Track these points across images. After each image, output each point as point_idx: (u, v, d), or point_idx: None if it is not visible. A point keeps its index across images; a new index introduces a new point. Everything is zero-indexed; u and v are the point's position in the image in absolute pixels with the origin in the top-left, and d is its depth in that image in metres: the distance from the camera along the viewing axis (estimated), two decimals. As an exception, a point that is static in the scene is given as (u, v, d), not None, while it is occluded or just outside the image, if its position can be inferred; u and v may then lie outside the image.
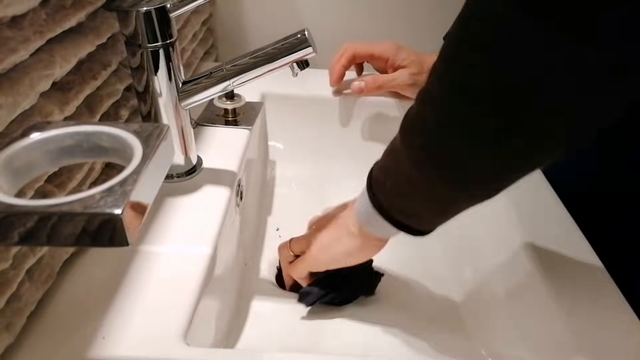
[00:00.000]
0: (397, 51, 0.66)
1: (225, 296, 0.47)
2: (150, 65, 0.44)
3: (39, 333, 0.35)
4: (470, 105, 0.30)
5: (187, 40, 0.65)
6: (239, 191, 0.54)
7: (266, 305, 0.51)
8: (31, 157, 0.28)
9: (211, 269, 0.41)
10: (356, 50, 0.67)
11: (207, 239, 0.43)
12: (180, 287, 0.38)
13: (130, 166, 0.26)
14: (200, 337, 0.38)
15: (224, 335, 0.46)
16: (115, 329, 0.35)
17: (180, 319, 0.36)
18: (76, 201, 0.23)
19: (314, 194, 0.52)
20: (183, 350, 0.34)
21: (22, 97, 0.31)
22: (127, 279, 0.39)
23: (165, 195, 0.48)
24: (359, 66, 0.71)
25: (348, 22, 0.82)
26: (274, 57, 0.44)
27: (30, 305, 0.34)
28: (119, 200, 0.23)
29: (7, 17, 0.31)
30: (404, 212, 0.39)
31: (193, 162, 0.52)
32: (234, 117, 0.62)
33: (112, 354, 0.33)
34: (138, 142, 0.27)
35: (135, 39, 0.43)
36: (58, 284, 0.38)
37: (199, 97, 0.47)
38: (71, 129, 0.28)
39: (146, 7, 0.41)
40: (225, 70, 0.45)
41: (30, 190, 0.33)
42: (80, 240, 0.23)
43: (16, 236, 0.23)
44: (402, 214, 0.39)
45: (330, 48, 0.68)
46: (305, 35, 0.44)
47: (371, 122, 0.72)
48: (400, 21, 0.81)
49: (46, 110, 0.35)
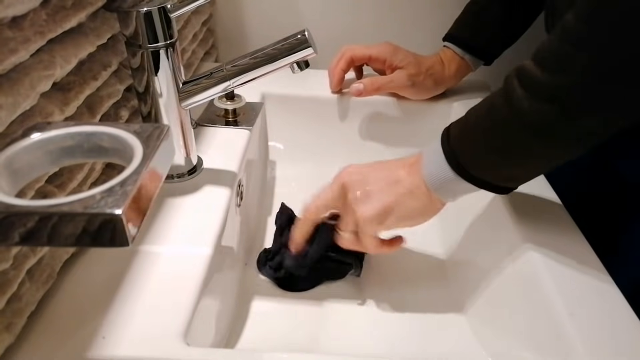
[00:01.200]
0: (394, 52, 0.66)
1: (225, 296, 0.47)
2: (150, 65, 0.44)
3: (40, 333, 0.35)
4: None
5: (187, 40, 0.65)
6: (239, 191, 0.54)
7: (266, 305, 0.52)
8: (32, 157, 0.28)
9: (211, 269, 0.41)
10: (354, 53, 0.67)
11: (207, 239, 0.43)
12: (180, 287, 0.39)
13: (131, 166, 0.26)
14: (200, 337, 0.38)
15: (224, 335, 0.46)
16: (115, 328, 0.35)
17: (180, 319, 0.36)
18: (77, 201, 0.23)
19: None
20: (183, 350, 0.34)
21: (23, 97, 0.31)
22: (127, 279, 0.39)
23: (165, 196, 0.48)
24: (358, 69, 0.71)
25: (348, 22, 0.82)
26: (274, 58, 0.44)
27: (30, 305, 0.34)
28: (119, 201, 0.23)
29: (8, 18, 0.31)
30: (501, 175, 0.42)
31: (193, 163, 0.52)
32: (234, 118, 0.62)
33: (112, 353, 0.33)
34: (138, 142, 0.28)
35: (136, 40, 0.43)
36: (58, 284, 0.38)
37: (199, 98, 0.47)
38: (72, 129, 0.28)
39: (146, 8, 0.41)
40: (226, 70, 0.45)
41: (31, 190, 0.33)
42: (80, 240, 0.23)
43: (17, 236, 0.23)
44: (497, 177, 0.42)
45: (331, 48, 0.68)
46: (305, 36, 0.44)
47: (371, 122, 0.72)
48: (400, 21, 0.81)
49: (46, 111, 0.35)
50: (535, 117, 0.37)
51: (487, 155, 0.41)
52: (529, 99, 0.37)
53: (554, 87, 0.36)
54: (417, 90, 0.67)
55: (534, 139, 0.38)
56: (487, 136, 0.41)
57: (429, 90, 0.68)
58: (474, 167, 0.42)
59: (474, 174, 0.42)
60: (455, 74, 0.67)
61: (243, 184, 0.56)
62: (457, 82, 0.69)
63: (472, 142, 0.42)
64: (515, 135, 0.39)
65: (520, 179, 0.43)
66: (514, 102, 0.38)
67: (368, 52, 0.67)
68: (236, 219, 0.53)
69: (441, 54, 0.67)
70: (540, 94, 0.37)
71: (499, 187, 0.43)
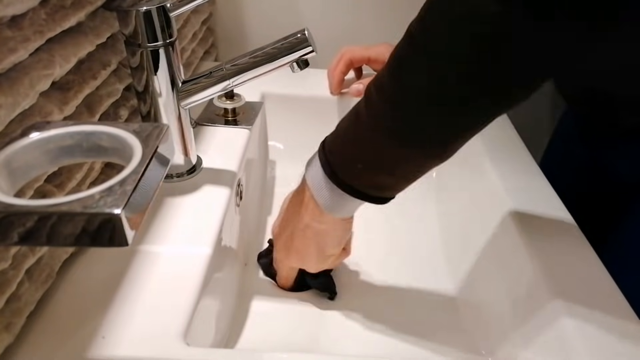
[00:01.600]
0: None
1: (225, 296, 0.47)
2: (150, 64, 0.44)
3: (39, 333, 0.35)
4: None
5: (186, 39, 0.65)
6: (238, 191, 0.54)
7: (266, 305, 0.51)
8: (31, 156, 0.28)
9: (211, 269, 0.41)
10: (353, 55, 0.68)
11: (207, 239, 0.43)
12: (180, 287, 0.38)
13: (130, 166, 0.25)
14: (200, 337, 0.38)
15: (224, 335, 0.46)
16: (115, 328, 0.35)
17: (180, 319, 0.36)
18: (76, 201, 0.23)
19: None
20: (183, 350, 0.34)
21: (22, 96, 0.31)
22: (127, 279, 0.39)
23: (165, 195, 0.48)
24: (358, 69, 0.71)
25: (348, 21, 0.82)
26: (273, 57, 0.44)
27: (29, 305, 0.34)
28: (118, 200, 0.23)
29: (7, 17, 0.31)
30: (366, 182, 0.40)
31: (193, 162, 0.52)
32: (234, 117, 0.62)
33: (112, 353, 0.33)
34: (138, 141, 0.27)
35: (135, 39, 0.43)
36: (58, 284, 0.38)
37: (198, 97, 0.47)
38: (71, 128, 0.28)
39: (146, 7, 0.41)
40: (225, 69, 0.45)
41: (30, 190, 0.33)
42: (79, 240, 0.23)
43: (16, 236, 0.23)
44: (364, 184, 0.40)
45: (330, 48, 0.68)
46: (305, 35, 0.44)
47: (371, 121, 0.72)
48: (400, 21, 0.81)
49: (46, 110, 0.34)
50: (385, 120, 0.37)
51: (352, 162, 0.40)
52: (379, 102, 0.37)
53: (394, 90, 0.36)
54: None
55: (388, 142, 0.37)
56: (349, 141, 0.40)
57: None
58: (345, 175, 0.40)
59: (347, 182, 0.40)
60: None
61: (243, 184, 0.56)
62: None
63: (339, 148, 0.41)
64: (371, 139, 0.38)
65: (393, 187, 0.41)
66: (369, 105, 0.38)
67: (367, 53, 0.67)
68: (236, 218, 0.53)
69: None
70: (385, 95, 0.36)
71: (375, 197, 0.41)
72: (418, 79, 0.34)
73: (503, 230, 0.49)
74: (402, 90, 0.35)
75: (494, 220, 0.51)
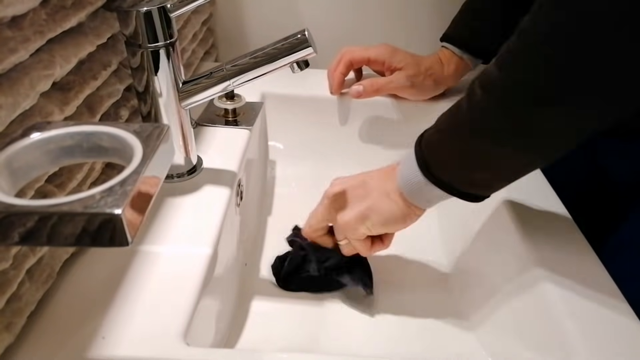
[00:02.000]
0: (393, 54, 0.66)
1: (225, 296, 0.47)
2: (150, 65, 0.44)
3: (39, 333, 0.35)
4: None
5: (187, 40, 0.65)
6: (239, 191, 0.54)
7: (266, 305, 0.51)
8: (31, 157, 0.28)
9: (211, 269, 0.41)
10: (352, 56, 0.68)
11: (207, 239, 0.43)
12: (180, 287, 0.38)
13: (131, 166, 0.26)
14: (200, 337, 0.38)
15: (224, 335, 0.46)
16: (115, 328, 0.35)
17: (180, 319, 0.36)
18: (76, 201, 0.23)
19: (314, 194, 0.52)
20: (183, 350, 0.34)
21: (22, 97, 0.31)
22: (127, 279, 0.39)
23: (165, 195, 0.48)
24: (358, 70, 0.71)
25: (348, 22, 0.82)
26: (274, 57, 0.44)
27: (30, 305, 0.34)
28: (119, 200, 0.23)
29: (7, 17, 0.31)
30: (464, 180, 0.41)
31: (193, 162, 0.52)
32: (234, 117, 0.62)
33: (112, 353, 0.33)
34: (138, 142, 0.27)
35: (136, 39, 0.43)
36: (58, 284, 0.38)
37: (199, 97, 0.47)
38: (71, 129, 0.28)
39: (146, 7, 0.41)
40: (226, 70, 0.45)
41: (31, 190, 0.33)
42: (80, 240, 0.23)
43: (16, 236, 0.23)
44: (462, 182, 0.41)
45: (331, 49, 0.68)
46: (305, 36, 0.44)
47: (371, 122, 0.72)
48: (400, 21, 0.81)
49: (46, 111, 0.35)
50: (490, 119, 0.37)
51: (450, 158, 0.41)
52: (486, 100, 0.37)
53: (510, 85, 0.36)
54: (416, 91, 0.67)
55: (490, 142, 0.38)
56: (448, 138, 0.41)
57: (428, 90, 0.68)
58: (440, 171, 0.41)
59: (441, 178, 0.41)
60: (454, 73, 0.67)
61: (243, 184, 0.56)
62: (457, 81, 0.69)
63: (438, 144, 0.42)
64: (471, 137, 0.39)
65: (487, 185, 0.42)
66: (473, 103, 0.38)
67: (367, 54, 0.67)
68: (236, 218, 0.53)
69: (440, 54, 0.67)
70: (495, 92, 0.36)
71: (469, 194, 0.42)
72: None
73: (502, 230, 0.49)
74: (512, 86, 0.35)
75: (493, 220, 0.51)
